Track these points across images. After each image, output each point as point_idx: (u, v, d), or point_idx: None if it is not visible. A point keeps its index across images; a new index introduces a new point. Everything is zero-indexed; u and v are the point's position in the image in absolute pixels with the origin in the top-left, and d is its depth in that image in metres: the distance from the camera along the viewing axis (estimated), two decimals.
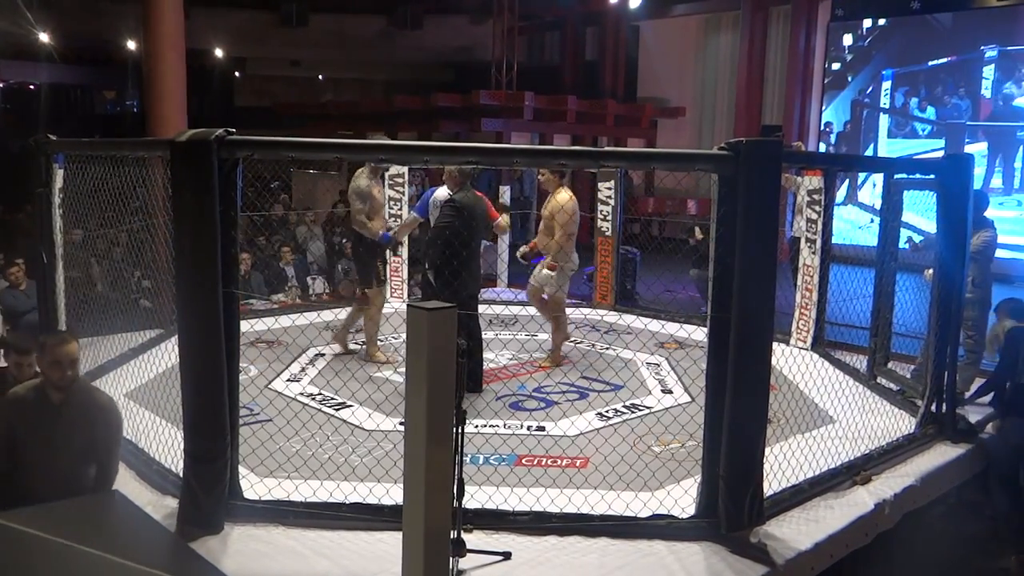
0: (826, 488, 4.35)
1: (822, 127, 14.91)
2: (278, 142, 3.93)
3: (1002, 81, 12.86)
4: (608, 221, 8.88)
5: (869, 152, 14.18)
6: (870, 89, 14.41)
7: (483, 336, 6.28)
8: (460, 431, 3.04)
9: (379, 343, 6.64)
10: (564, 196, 6.30)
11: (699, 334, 6.26)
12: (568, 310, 8.76)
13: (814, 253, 7.04)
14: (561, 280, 6.41)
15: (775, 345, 3.91)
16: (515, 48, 16.92)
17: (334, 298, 9.69)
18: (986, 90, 13.03)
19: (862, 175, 13.53)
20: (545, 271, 6.34)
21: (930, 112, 13.69)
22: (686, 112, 17.00)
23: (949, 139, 13.25)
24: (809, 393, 5.64)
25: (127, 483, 4.24)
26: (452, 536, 3.12)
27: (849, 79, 14.66)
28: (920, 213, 5.85)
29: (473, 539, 3.54)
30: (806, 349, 7.06)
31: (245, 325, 6.46)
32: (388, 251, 6.37)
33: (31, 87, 24.43)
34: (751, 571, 3.59)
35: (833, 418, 5.39)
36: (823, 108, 14.90)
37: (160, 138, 6.04)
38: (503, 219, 6.42)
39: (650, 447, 4.88)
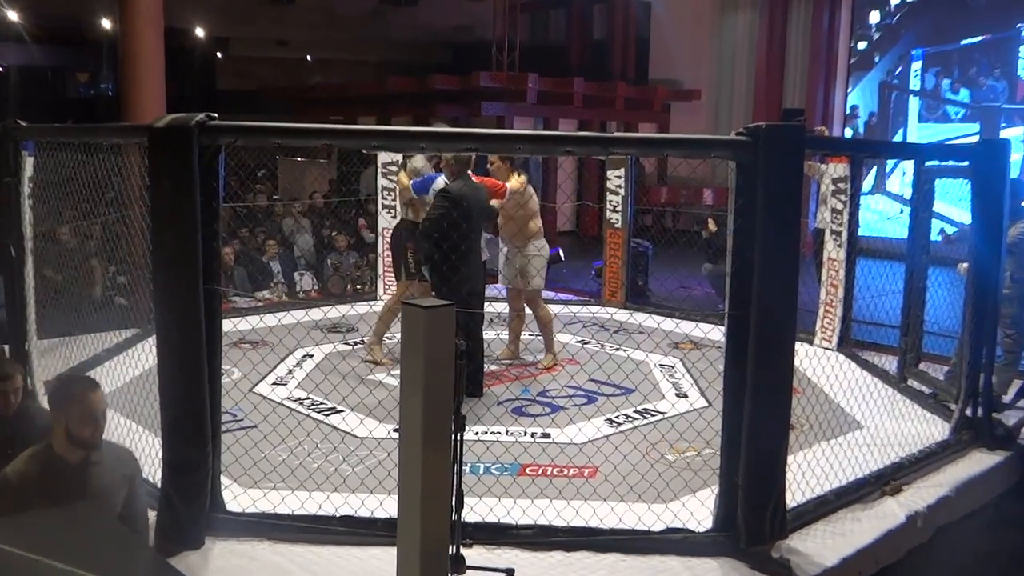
0: (853, 499, 4.34)
1: (847, 111, 14.88)
2: (263, 127, 3.92)
3: None
4: (618, 212, 8.88)
5: (898, 137, 14.14)
6: (899, 70, 14.37)
7: (484, 336, 6.29)
8: (459, 438, 3.03)
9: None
10: (514, 182, 6.43)
11: (716, 333, 6.29)
12: (575, 308, 8.83)
13: (839, 246, 7.03)
14: (532, 272, 6.51)
15: (798, 345, 3.90)
16: (517, 26, 16.89)
17: (323, 295, 9.69)
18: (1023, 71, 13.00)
19: (891, 162, 13.50)
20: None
21: (963, 94, 13.65)
22: (701, 95, 16.97)
23: (984, 123, 13.21)
24: (834, 397, 5.63)
25: None
26: (450, 552, 3.10)
27: (876, 59, 14.62)
28: (953, 203, 5.83)
29: (473, 555, 3.51)
30: (831, 349, 7.06)
31: (228, 324, 6.44)
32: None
33: None
34: None
35: (860, 424, 5.38)
36: (848, 90, 14.87)
37: (137, 124, 6.03)
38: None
39: (664, 455, 4.87)
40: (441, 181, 6.15)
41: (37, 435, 3.35)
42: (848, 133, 14.63)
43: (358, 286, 9.83)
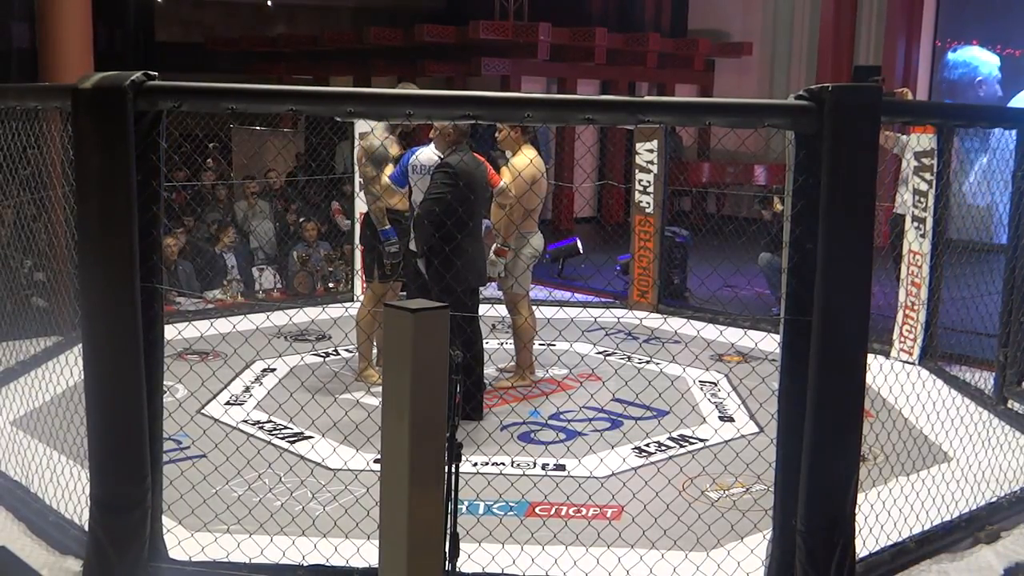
0: (939, 548, 4.35)
1: (935, 68, 14.79)
2: (213, 89, 3.93)
3: None
4: (649, 195, 8.88)
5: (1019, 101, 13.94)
6: None
7: (484, 346, 6.31)
8: (454, 471, 3.04)
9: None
10: (523, 160, 6.35)
11: (769, 343, 6.28)
12: (596, 312, 8.83)
13: (923, 236, 7.03)
14: (517, 270, 6.51)
15: (871, 358, 3.91)
16: None
17: (287, 296, 9.71)
18: None
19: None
20: (492, 256, 6.41)
21: None
22: (752, 50, 16.95)
23: None
24: (916, 422, 5.63)
25: (17, 539, 4.26)
26: None
27: None
28: None
29: None
30: (912, 363, 7.06)
31: (171, 331, 6.47)
32: (386, 248, 6.39)
33: None
34: None
35: (948, 455, 5.38)
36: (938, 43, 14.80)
37: (58, 84, 6.05)
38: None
39: (704, 492, 4.90)
40: (427, 154, 6.14)
41: None
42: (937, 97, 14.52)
43: (330, 284, 9.85)
